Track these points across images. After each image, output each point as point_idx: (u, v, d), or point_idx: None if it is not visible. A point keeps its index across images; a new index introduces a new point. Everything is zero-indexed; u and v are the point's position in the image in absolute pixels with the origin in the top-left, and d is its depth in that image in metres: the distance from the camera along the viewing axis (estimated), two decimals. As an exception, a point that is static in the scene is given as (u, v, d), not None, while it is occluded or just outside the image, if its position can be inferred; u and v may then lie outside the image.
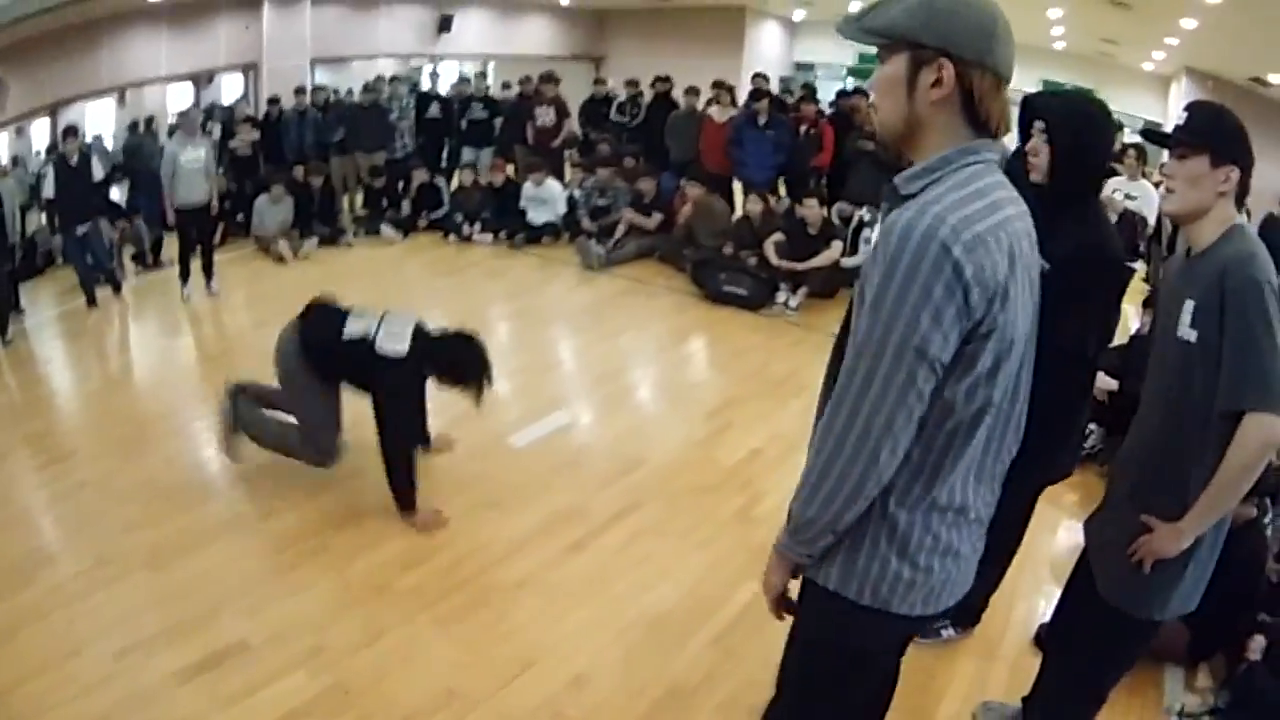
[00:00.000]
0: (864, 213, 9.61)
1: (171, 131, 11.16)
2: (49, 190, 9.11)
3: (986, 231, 1.78)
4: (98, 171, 9.20)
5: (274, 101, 13.10)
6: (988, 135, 1.91)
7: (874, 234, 9.33)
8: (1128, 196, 8.55)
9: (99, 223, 9.45)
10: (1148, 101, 17.63)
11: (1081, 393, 3.49)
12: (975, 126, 1.90)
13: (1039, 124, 3.24)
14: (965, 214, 1.78)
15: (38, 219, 11.59)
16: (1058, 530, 5.31)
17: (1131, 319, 8.25)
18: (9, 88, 11.77)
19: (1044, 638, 4.04)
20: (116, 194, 11.69)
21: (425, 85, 17.69)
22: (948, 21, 1.82)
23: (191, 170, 9.23)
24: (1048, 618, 4.03)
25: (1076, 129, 3.18)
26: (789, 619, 2.38)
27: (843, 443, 1.89)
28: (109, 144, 14.21)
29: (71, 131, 9.19)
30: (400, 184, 12.54)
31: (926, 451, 1.95)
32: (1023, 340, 1.94)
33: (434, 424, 5.67)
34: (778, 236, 9.46)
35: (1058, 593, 3.68)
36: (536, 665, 4.16)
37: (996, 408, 1.96)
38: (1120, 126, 8.91)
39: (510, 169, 12.40)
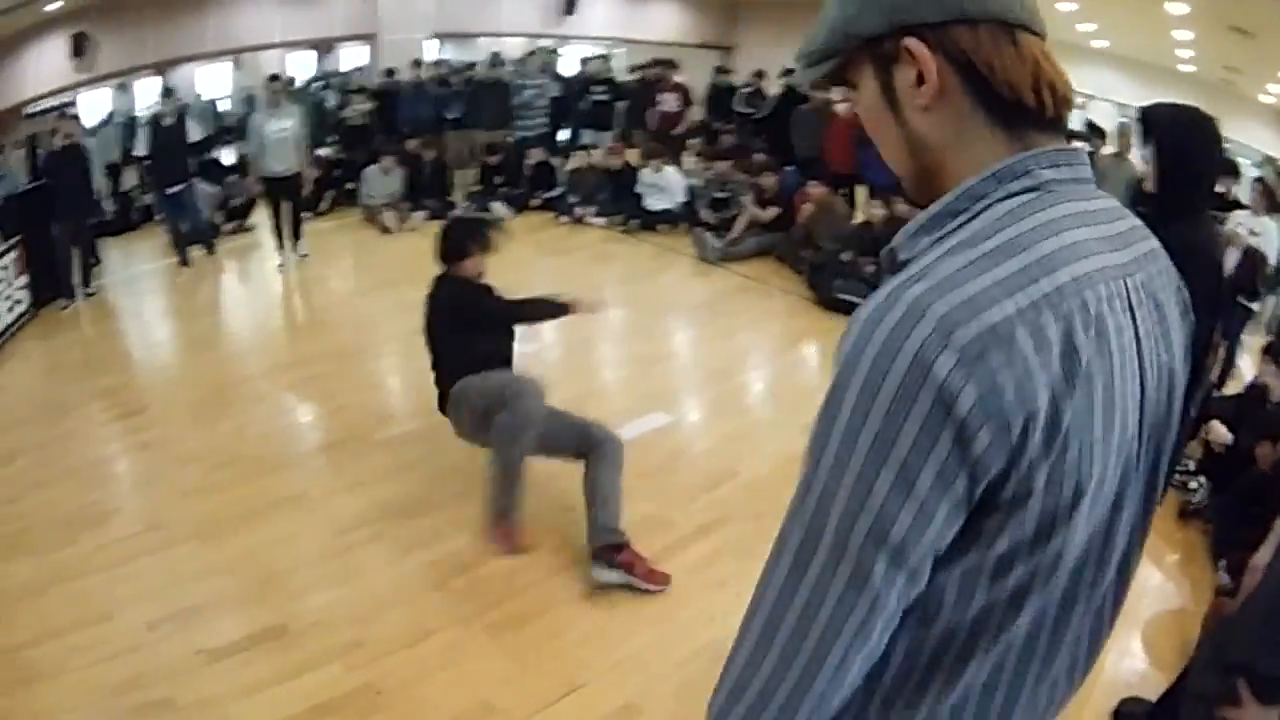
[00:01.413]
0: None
1: (249, 103, 11.16)
2: (142, 149, 9.06)
3: (1014, 318, 1.00)
4: (194, 133, 9.15)
5: (389, 73, 13.11)
6: (1034, 126, 1.16)
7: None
8: (1251, 232, 8.11)
9: (194, 184, 9.50)
10: (1264, 134, 17.14)
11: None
12: (1006, 117, 1.15)
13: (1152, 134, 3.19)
14: (972, 292, 1.01)
15: (134, 175, 11.68)
16: (1151, 592, 4.80)
17: (1248, 367, 7.77)
18: (100, 44, 11.86)
19: (1122, 718, 3.73)
20: (225, 156, 11.74)
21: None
22: None
23: (278, 140, 9.23)
24: (1131, 691, 3.79)
25: (1180, 136, 3.14)
26: None
27: (766, 645, 1.13)
28: (224, 106, 14.34)
29: (168, 93, 9.28)
30: (521, 161, 12.42)
31: (940, 652, 1.17)
32: (1112, 479, 1.15)
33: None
34: (897, 243, 9.02)
35: (1142, 663, 3.54)
36: (584, 689, 3.87)
37: (1056, 586, 1.17)
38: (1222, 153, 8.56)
39: (629, 154, 12.24)
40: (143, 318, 8.43)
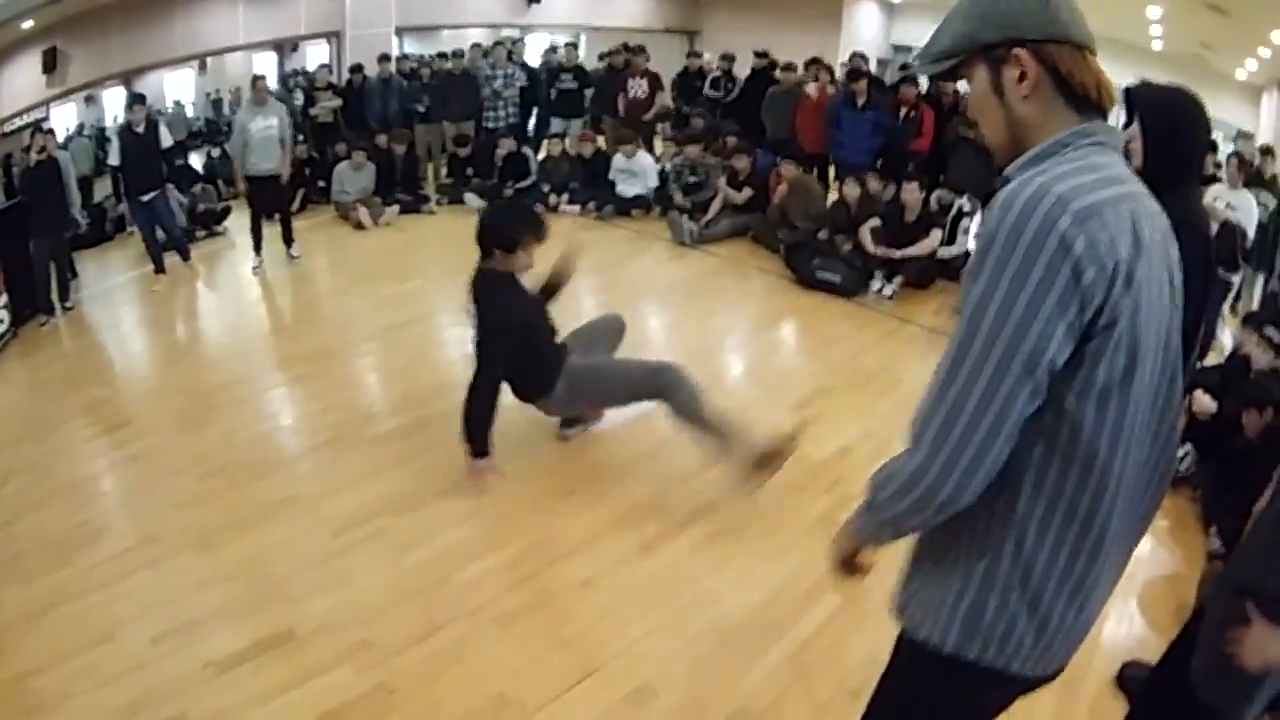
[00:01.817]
0: (964, 202, 9.25)
1: (236, 102, 11.09)
2: (115, 158, 8.99)
3: (1104, 202, 1.57)
4: (166, 139, 9.08)
5: (356, 69, 13.05)
6: (1095, 113, 1.73)
7: (973, 224, 9.15)
8: (1228, 206, 8.16)
9: (167, 191, 9.41)
10: (1237, 110, 17.29)
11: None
12: (1078, 105, 1.72)
13: (1136, 112, 3.22)
14: (1076, 183, 1.57)
15: (106, 186, 11.69)
16: (1144, 559, 4.86)
17: (1227, 336, 7.80)
18: (71, 58, 11.80)
19: (1127, 682, 3.81)
20: (195, 160, 11.67)
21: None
22: (1003, 9, 1.70)
23: (263, 139, 9.22)
24: (1131, 655, 3.90)
25: (1168, 116, 3.20)
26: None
27: (939, 445, 1.65)
28: (190, 111, 14.25)
29: (139, 99, 9.17)
30: (492, 152, 12.36)
31: (1060, 486, 1.69)
32: (1161, 346, 1.70)
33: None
34: (874, 222, 9.11)
35: (1141, 627, 3.63)
36: (597, 674, 3.86)
37: (1138, 427, 1.69)
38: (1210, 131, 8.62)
39: (599, 141, 12.24)
40: (123, 329, 8.35)
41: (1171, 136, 3.15)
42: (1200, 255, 2.97)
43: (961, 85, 2.28)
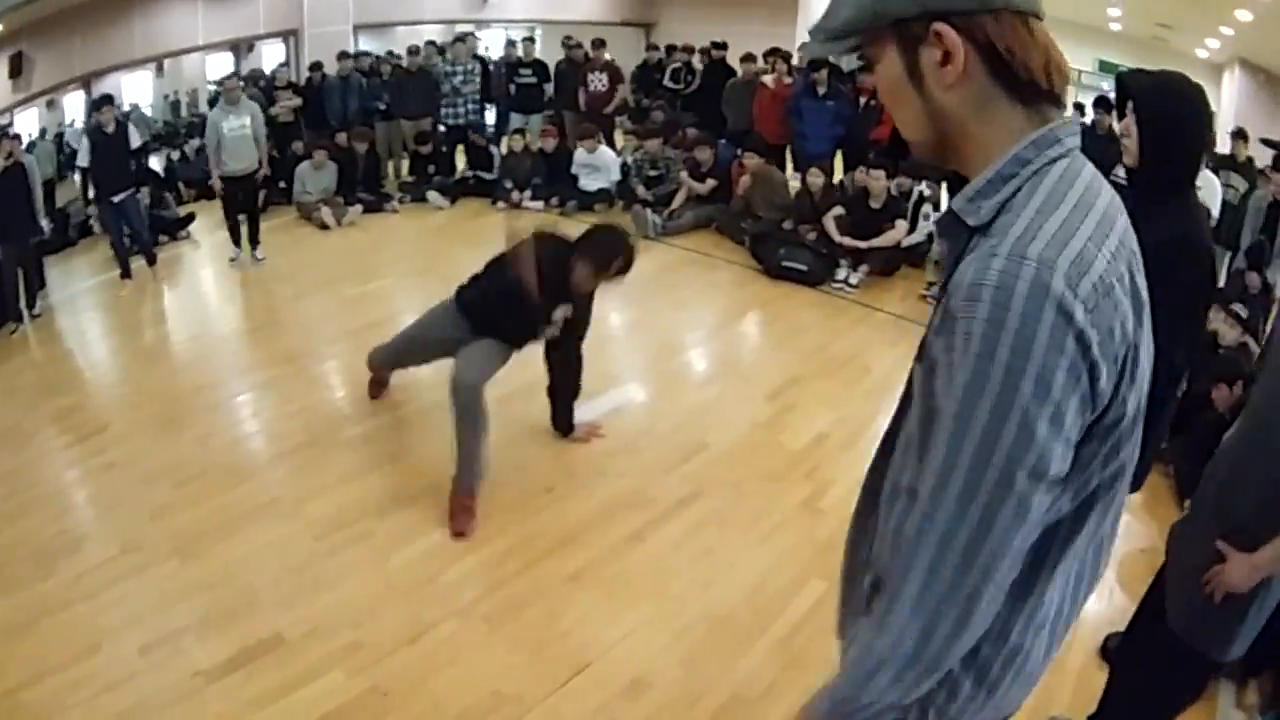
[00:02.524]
0: (923, 187, 9.33)
1: (213, 102, 10.97)
2: (84, 159, 8.90)
3: (1108, 270, 1.26)
4: (135, 139, 9.02)
5: (316, 67, 12.93)
6: (1045, 101, 1.37)
7: (934, 211, 9.19)
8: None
9: (136, 192, 9.32)
10: None
11: (1161, 404, 2.73)
12: (1022, 94, 1.35)
13: (1130, 103, 2.90)
14: (1078, 249, 1.24)
15: (70, 190, 11.59)
16: (1121, 533, 4.90)
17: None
18: (35, 62, 11.69)
19: (1110, 652, 3.87)
20: (155, 163, 11.58)
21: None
22: None
23: (236, 138, 9.16)
24: (1114, 628, 3.93)
25: (1170, 110, 2.84)
26: None
27: (920, 607, 1.37)
28: (148, 113, 14.13)
29: (107, 100, 9.09)
30: (454, 149, 12.40)
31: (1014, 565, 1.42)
32: (1143, 399, 1.42)
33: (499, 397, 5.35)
34: (838, 211, 9.15)
35: (1122, 600, 3.66)
36: (591, 667, 3.88)
37: (1108, 490, 1.45)
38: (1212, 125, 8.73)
39: (558, 135, 12.18)
40: (92, 335, 8.24)
41: (1174, 133, 2.83)
42: (1204, 276, 2.90)
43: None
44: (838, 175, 10.68)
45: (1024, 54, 1.33)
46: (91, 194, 9.61)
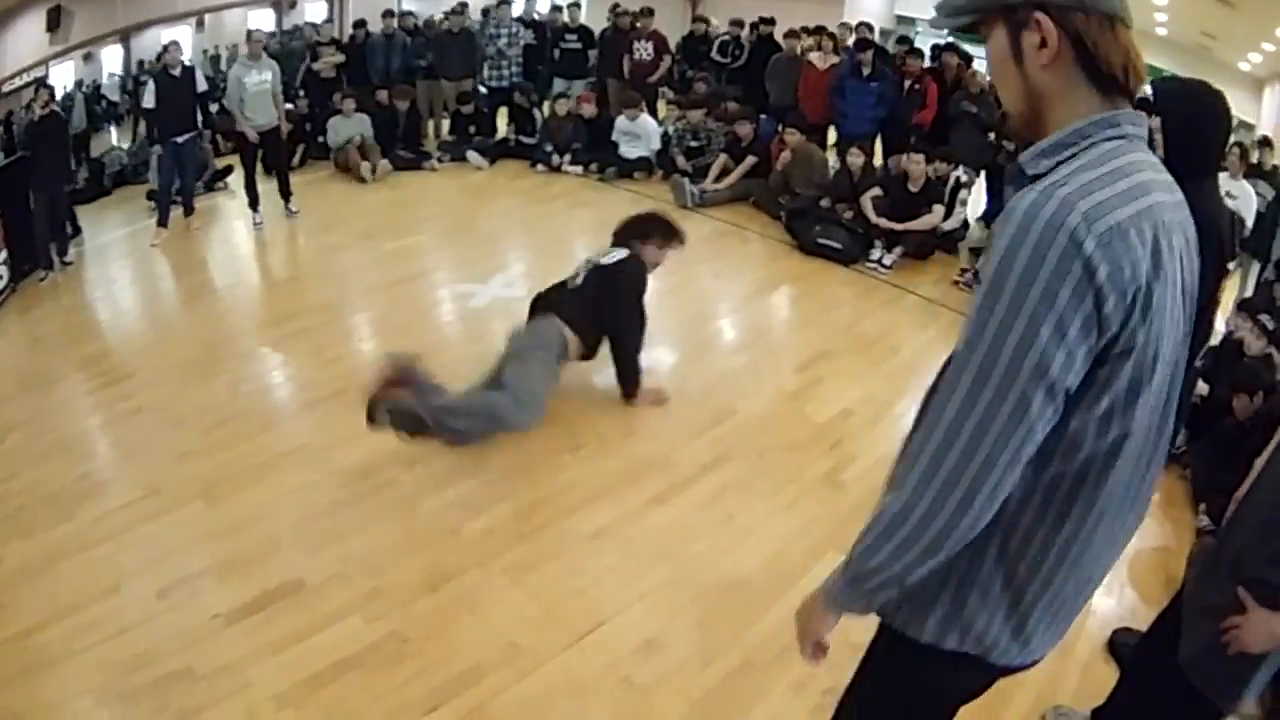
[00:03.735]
0: (961, 173, 9.23)
1: (233, 58, 11.01)
2: (150, 101, 8.92)
3: (1128, 221, 1.45)
4: (201, 83, 9.11)
5: (359, 25, 12.87)
6: (1120, 94, 1.59)
7: (970, 195, 9.23)
8: (1229, 195, 8.18)
9: (199, 136, 9.48)
10: (1239, 101, 17.23)
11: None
12: (1100, 84, 1.57)
13: (1156, 106, 3.28)
14: (1101, 199, 1.45)
15: (103, 142, 11.63)
16: (1136, 531, 4.91)
17: (1220, 321, 7.83)
18: (74, 15, 11.71)
19: (1119, 649, 3.89)
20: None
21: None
22: None
23: (257, 93, 9.19)
24: (1122, 623, 4.02)
25: (1186, 111, 3.28)
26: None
27: (928, 480, 1.56)
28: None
29: (174, 44, 9.14)
30: (495, 111, 12.39)
31: (1051, 493, 1.64)
32: (1170, 360, 1.61)
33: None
34: (875, 192, 9.08)
35: (1131, 596, 3.72)
36: (607, 624, 3.89)
37: (1136, 440, 1.61)
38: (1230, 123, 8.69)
39: (600, 102, 12.17)
40: (124, 283, 8.26)
41: (1189, 130, 3.23)
42: (1214, 248, 2.98)
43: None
44: (878, 158, 10.56)
45: (1105, 50, 1.54)
46: (156, 135, 9.59)
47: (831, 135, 11.24)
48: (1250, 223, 8.44)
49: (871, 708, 2.18)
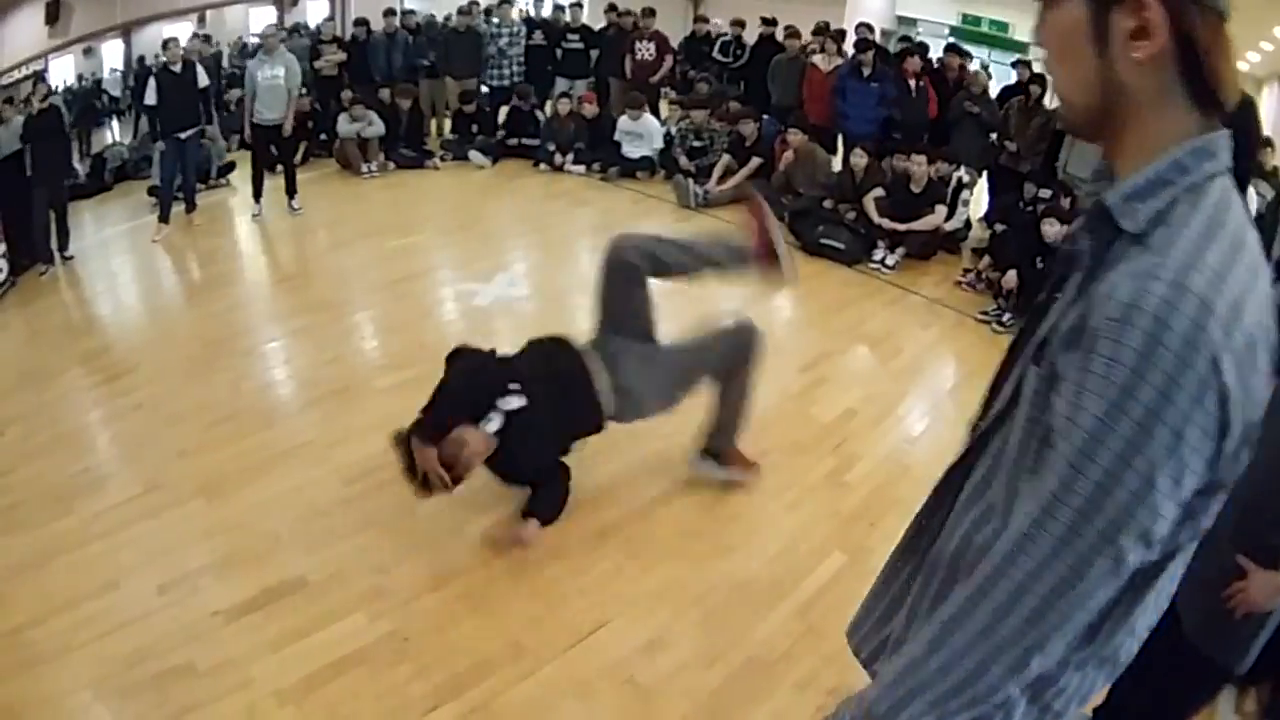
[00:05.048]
0: (962, 173, 9.25)
1: (253, 52, 10.97)
2: (151, 98, 8.93)
3: (1256, 326, 1.15)
4: (203, 79, 9.11)
5: (361, 23, 12.83)
6: (1213, 109, 1.26)
7: (972, 196, 9.28)
8: None
9: (202, 134, 9.49)
10: None
11: None
12: (1199, 97, 1.25)
13: None
14: (1234, 294, 1.13)
15: (103, 137, 11.68)
16: None
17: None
18: (73, 9, 11.70)
19: None
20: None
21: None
22: None
23: (268, 88, 9.19)
24: None
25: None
26: None
27: (984, 638, 1.30)
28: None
29: (174, 40, 9.17)
30: (497, 109, 12.35)
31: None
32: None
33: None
34: (878, 192, 9.06)
35: None
36: (611, 624, 3.88)
37: (1192, 541, 1.35)
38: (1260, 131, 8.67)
39: (602, 102, 12.17)
40: (124, 278, 8.25)
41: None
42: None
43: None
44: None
45: (1216, 60, 1.24)
46: (158, 131, 9.58)
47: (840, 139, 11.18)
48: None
49: None
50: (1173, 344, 1.09)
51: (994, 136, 9.77)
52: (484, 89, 12.61)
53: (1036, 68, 9.54)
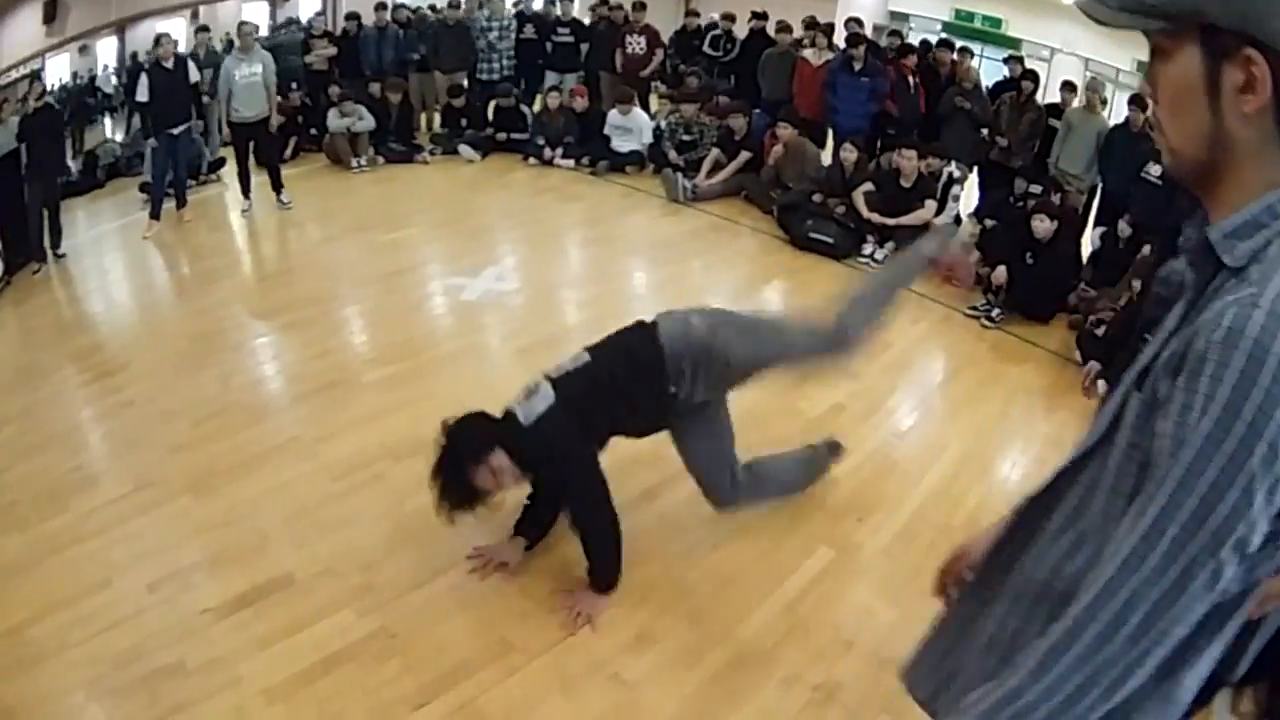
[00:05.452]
0: (953, 169, 9.23)
1: (228, 49, 10.98)
2: (143, 95, 8.96)
3: None
4: (194, 75, 9.18)
5: (352, 18, 12.82)
6: None
7: (962, 191, 9.26)
8: None
9: (193, 128, 9.50)
10: None
11: None
12: None
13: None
14: None
15: (97, 134, 11.68)
16: None
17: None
18: (70, 7, 11.69)
19: None
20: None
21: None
22: None
23: (246, 86, 9.20)
24: None
25: None
26: None
27: (1088, 659, 1.31)
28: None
29: (166, 36, 9.19)
30: (487, 104, 12.31)
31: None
32: None
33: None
34: (867, 186, 9.07)
35: None
36: (597, 620, 3.89)
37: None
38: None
39: (592, 95, 12.17)
40: (116, 275, 8.26)
41: None
42: None
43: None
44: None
45: None
46: (150, 127, 9.58)
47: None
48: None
49: None
50: (1272, 363, 1.15)
51: (985, 132, 9.77)
52: (474, 81, 12.59)
53: (1029, 64, 9.57)
